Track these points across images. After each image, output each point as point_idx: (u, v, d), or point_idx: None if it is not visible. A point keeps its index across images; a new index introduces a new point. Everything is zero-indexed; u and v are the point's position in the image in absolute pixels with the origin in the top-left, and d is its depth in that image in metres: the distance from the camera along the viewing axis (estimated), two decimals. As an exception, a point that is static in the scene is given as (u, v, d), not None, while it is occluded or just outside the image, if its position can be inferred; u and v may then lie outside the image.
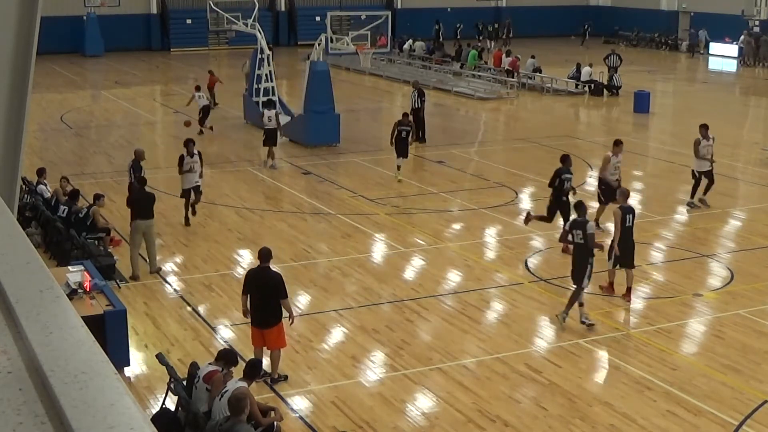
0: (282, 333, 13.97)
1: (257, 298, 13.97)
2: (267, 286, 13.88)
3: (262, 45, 34.68)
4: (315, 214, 23.63)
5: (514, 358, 15.13)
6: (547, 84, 46.18)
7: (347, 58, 47.19)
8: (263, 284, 13.93)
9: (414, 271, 19.79)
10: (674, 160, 30.60)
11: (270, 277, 13.98)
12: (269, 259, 14.13)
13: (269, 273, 14.07)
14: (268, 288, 13.86)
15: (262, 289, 13.94)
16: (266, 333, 13.88)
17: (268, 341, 13.95)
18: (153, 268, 18.99)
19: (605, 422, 13.03)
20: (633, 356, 15.28)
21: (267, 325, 13.85)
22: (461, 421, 13.04)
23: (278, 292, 13.80)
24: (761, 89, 50.80)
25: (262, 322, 13.90)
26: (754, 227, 22.99)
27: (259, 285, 13.98)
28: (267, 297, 13.86)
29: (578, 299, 16.24)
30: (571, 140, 33.90)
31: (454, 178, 27.79)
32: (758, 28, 59.94)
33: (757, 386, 14.25)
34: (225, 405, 11.11)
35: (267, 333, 13.88)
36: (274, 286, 13.82)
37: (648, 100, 40.11)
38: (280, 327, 13.91)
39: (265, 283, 13.93)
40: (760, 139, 33.03)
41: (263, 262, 14.05)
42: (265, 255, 14.10)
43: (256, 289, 14.01)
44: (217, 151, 31.28)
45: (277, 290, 13.80)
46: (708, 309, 17.57)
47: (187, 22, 61.30)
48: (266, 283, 13.91)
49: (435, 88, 46.50)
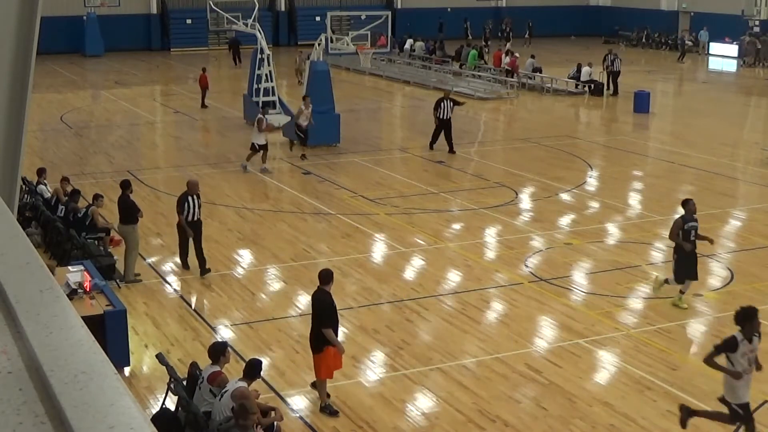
0: (322, 363, 13.18)
1: (312, 320, 13.44)
2: (314, 308, 13.36)
3: (262, 45, 34.68)
4: (315, 214, 23.63)
5: (514, 358, 15.13)
6: (547, 84, 46.19)
7: (347, 58, 47.23)
8: (313, 306, 13.44)
9: (414, 271, 19.79)
10: (674, 160, 30.62)
11: (317, 299, 13.27)
12: (324, 282, 13.20)
13: (318, 295, 13.25)
14: (314, 311, 13.33)
15: (313, 311, 13.42)
16: (313, 358, 13.40)
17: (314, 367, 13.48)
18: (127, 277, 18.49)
19: (605, 422, 13.03)
20: (633, 356, 15.28)
21: (312, 350, 13.30)
22: (461, 421, 13.04)
23: (319, 318, 13.14)
24: (761, 89, 50.80)
25: (310, 345, 13.38)
26: (754, 227, 22.99)
27: (312, 306, 13.50)
28: (313, 320, 13.28)
29: None
30: (571, 140, 33.91)
31: (454, 178, 27.80)
32: (758, 28, 59.98)
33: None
34: (225, 405, 11.12)
35: (313, 359, 13.39)
36: (316, 310, 13.25)
37: (648, 100, 40.10)
38: (320, 356, 13.14)
39: (313, 305, 13.44)
40: (759, 139, 33.05)
41: (320, 283, 13.26)
42: (320, 276, 13.31)
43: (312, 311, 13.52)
44: (217, 151, 31.31)
45: (318, 316, 13.17)
46: (708, 309, 17.56)
47: (187, 22, 61.33)
48: (313, 306, 13.40)
49: (435, 88, 46.51)
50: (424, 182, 26.92)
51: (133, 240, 18.50)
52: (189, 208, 18.55)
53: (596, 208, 24.79)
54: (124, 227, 18.52)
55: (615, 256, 20.61)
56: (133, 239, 18.50)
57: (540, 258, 20.46)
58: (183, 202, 18.60)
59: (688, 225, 17.11)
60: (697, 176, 28.37)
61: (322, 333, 12.94)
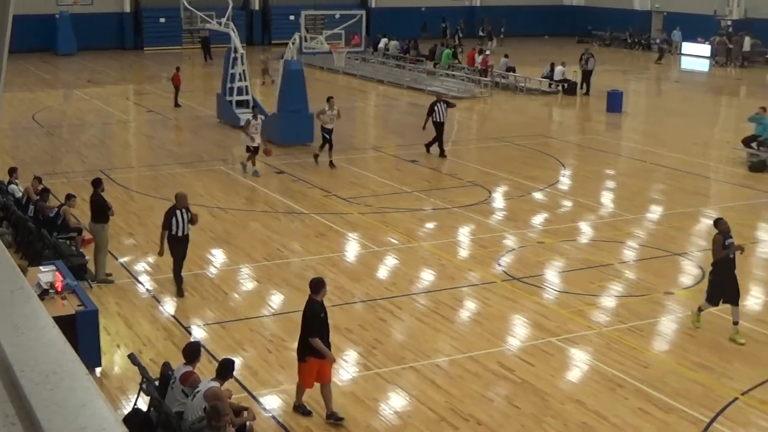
0: (305, 372, 12.88)
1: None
2: (302, 317, 12.95)
3: (235, 44, 34.61)
4: (288, 214, 23.62)
5: (487, 356, 15.18)
6: (521, 83, 46.35)
7: (321, 57, 47.15)
8: (302, 314, 12.99)
9: (387, 270, 19.82)
10: (646, 159, 30.79)
11: (306, 307, 12.86)
12: (314, 290, 12.82)
13: (307, 304, 12.85)
14: (302, 319, 12.94)
15: (302, 319, 12.98)
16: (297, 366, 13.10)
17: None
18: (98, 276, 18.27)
19: (577, 420, 13.11)
20: (605, 354, 15.36)
21: (297, 358, 13.01)
22: (434, 419, 13.07)
23: (305, 327, 12.77)
24: (732, 89, 51.16)
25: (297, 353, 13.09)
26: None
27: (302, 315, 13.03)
28: (301, 329, 12.93)
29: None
30: (545, 139, 34.03)
31: (428, 177, 27.84)
32: (730, 28, 60.38)
33: (728, 383, 14.36)
34: (197, 405, 11.10)
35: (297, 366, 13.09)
36: (303, 319, 12.86)
37: (621, 99, 40.32)
38: (303, 365, 12.85)
39: (302, 314, 13.01)
40: (731, 138, 33.24)
41: (310, 292, 12.89)
42: (310, 285, 12.98)
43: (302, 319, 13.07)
44: (191, 151, 31.22)
45: (305, 324, 12.79)
46: (679, 307, 17.67)
47: (161, 21, 61.05)
48: (303, 314, 12.97)
49: (409, 87, 46.62)
50: (398, 181, 26.94)
51: (103, 239, 18.37)
52: (177, 224, 17.30)
53: (569, 207, 24.89)
54: (95, 225, 18.41)
55: (587, 255, 20.71)
56: (103, 238, 18.36)
57: (513, 257, 20.53)
58: (171, 217, 17.30)
59: (728, 242, 15.96)
60: (670, 175, 28.55)
61: (308, 342, 12.66)
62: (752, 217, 24.06)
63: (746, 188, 27.15)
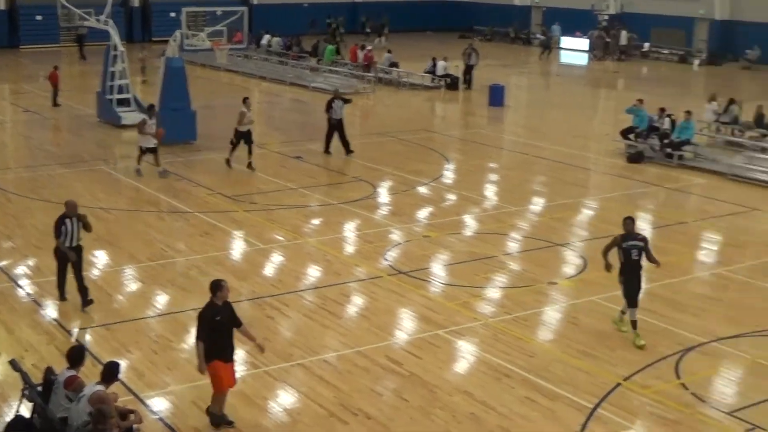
0: (211, 377, 12.55)
1: None
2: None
3: (115, 41, 34.04)
4: (172, 213, 23.33)
5: (375, 351, 15.23)
6: (404, 78, 46.62)
7: (203, 54, 46.71)
8: None
9: (273, 268, 19.73)
10: (528, 152, 31.26)
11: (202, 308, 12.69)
12: (211, 292, 12.58)
13: (205, 305, 12.69)
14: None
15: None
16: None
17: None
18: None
19: (465, 411, 13.23)
20: (491, 345, 15.54)
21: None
22: (323, 415, 13.07)
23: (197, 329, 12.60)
24: (610, 82, 52.27)
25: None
26: (606, 216, 23.61)
27: None
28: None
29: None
30: (428, 134, 34.29)
31: (313, 173, 27.77)
32: (606, 22, 61.73)
33: (611, 370, 14.67)
34: (82, 410, 10.89)
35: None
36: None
37: (502, 93, 40.88)
38: (209, 370, 12.52)
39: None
40: (609, 130, 33.93)
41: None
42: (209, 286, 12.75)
43: None
44: (71, 151, 30.58)
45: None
46: (563, 296, 18.00)
47: (37, 18, 59.56)
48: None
49: (292, 83, 46.49)
50: (283, 178, 26.83)
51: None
52: (67, 232, 16.51)
53: (453, 201, 25.12)
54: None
55: (472, 248, 20.92)
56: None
57: (399, 251, 20.63)
58: (60, 225, 16.50)
59: (627, 244, 15.75)
60: (551, 167, 29.04)
61: (211, 346, 12.34)
62: (631, 207, 24.59)
63: (625, 179, 27.79)
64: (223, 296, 12.61)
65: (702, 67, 56.23)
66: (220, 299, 12.56)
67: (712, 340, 15.87)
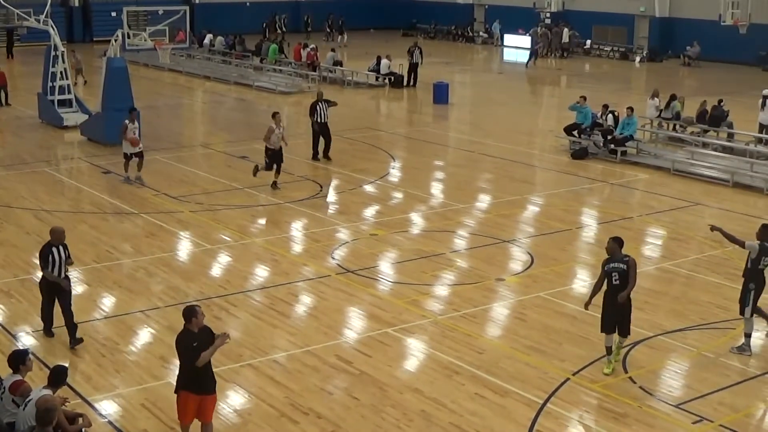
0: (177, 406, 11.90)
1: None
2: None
3: (55, 41, 33.66)
4: (117, 214, 23.10)
5: (325, 350, 15.20)
6: (348, 77, 46.61)
7: (145, 54, 46.27)
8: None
9: (221, 268, 19.61)
10: (473, 149, 31.37)
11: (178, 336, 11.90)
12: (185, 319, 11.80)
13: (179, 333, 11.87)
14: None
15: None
16: None
17: None
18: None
19: (416, 408, 13.25)
20: (440, 342, 15.57)
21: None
22: (274, 415, 13.02)
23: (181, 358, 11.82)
24: (553, 79, 52.65)
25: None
26: (551, 212, 23.78)
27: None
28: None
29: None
30: (374, 132, 34.29)
31: (259, 173, 27.59)
32: (549, 19, 62.20)
33: (559, 365, 14.76)
34: (29, 414, 10.75)
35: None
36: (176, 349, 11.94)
37: (447, 91, 41.02)
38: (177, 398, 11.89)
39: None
40: (554, 126, 34.17)
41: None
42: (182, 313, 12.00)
43: None
44: (12, 152, 30.17)
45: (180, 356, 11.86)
46: (510, 293, 18.08)
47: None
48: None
49: (236, 83, 46.30)
50: (228, 178, 26.69)
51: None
52: (55, 261, 15.20)
53: (400, 199, 25.14)
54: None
55: (419, 245, 20.95)
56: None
57: (346, 250, 20.60)
58: (47, 255, 15.18)
59: (608, 267, 14.27)
60: (496, 164, 29.18)
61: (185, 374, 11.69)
62: (576, 203, 24.83)
63: (570, 175, 27.98)
64: (198, 323, 11.79)
65: (643, 64, 56.87)
66: (195, 326, 11.76)
67: (659, 333, 16.02)
